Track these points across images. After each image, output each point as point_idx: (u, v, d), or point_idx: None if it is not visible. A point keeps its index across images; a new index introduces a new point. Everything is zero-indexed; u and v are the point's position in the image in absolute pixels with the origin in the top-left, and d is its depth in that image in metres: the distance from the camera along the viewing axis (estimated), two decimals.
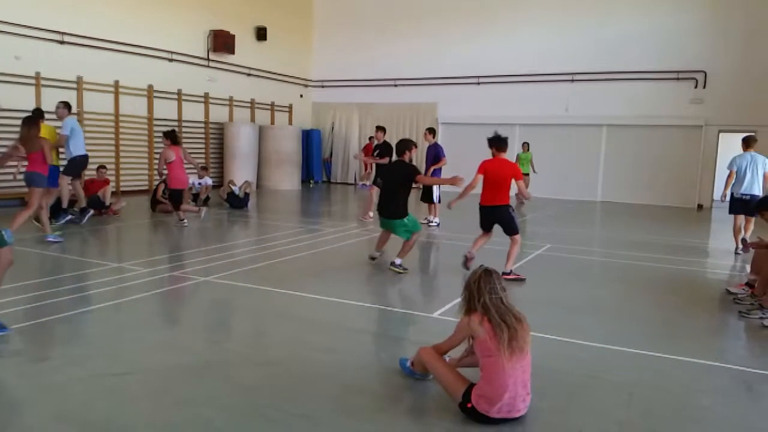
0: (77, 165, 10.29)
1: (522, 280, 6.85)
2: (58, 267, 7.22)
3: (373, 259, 7.68)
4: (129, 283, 6.33)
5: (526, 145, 16.29)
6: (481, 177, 6.91)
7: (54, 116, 10.46)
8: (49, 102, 12.88)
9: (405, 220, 7.24)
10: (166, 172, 10.51)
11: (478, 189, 7.06)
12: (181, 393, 3.68)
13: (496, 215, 7.04)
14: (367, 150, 19.58)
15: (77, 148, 10.11)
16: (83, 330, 4.83)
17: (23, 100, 12.17)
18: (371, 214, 11.77)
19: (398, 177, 7.27)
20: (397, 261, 7.23)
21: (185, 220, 10.51)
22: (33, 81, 12.76)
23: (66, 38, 13.37)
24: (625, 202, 16.83)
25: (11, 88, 12.30)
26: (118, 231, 10.15)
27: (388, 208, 7.30)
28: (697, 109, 16.44)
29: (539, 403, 3.51)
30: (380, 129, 12.44)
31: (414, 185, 7.35)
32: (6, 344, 4.39)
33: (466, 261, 7.08)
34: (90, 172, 12.26)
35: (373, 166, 12.22)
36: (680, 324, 5.59)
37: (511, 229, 7.02)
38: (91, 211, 10.35)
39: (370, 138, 19.81)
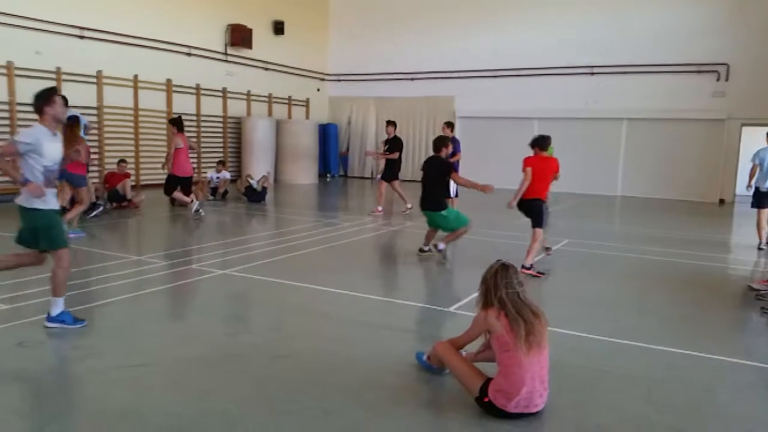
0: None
1: (540, 276, 6.80)
2: (79, 260, 7.30)
3: (422, 251, 7.82)
4: (148, 275, 6.40)
5: (548, 139, 16.05)
6: (530, 170, 6.97)
7: (73, 111, 10.54)
8: (70, 96, 13.04)
9: (444, 212, 7.48)
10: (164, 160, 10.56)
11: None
12: (199, 384, 3.71)
13: (528, 207, 7.14)
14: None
15: None
16: (103, 322, 4.89)
17: None
18: (380, 207, 11.77)
19: (434, 171, 7.61)
20: (440, 246, 7.46)
21: (201, 211, 10.60)
22: (54, 76, 12.92)
23: (86, 33, 13.50)
24: (645, 197, 16.62)
25: (32, 83, 12.44)
26: (137, 224, 10.27)
27: (426, 200, 7.64)
28: (719, 102, 16.17)
29: (557, 397, 3.49)
30: (390, 123, 12.37)
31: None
32: (28, 336, 4.47)
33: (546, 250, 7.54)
34: (110, 166, 12.40)
35: (385, 160, 12.13)
36: (700, 320, 5.51)
37: (536, 222, 7.05)
38: (101, 208, 10.30)
39: None
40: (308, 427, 3.20)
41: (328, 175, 21.00)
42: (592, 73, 17.47)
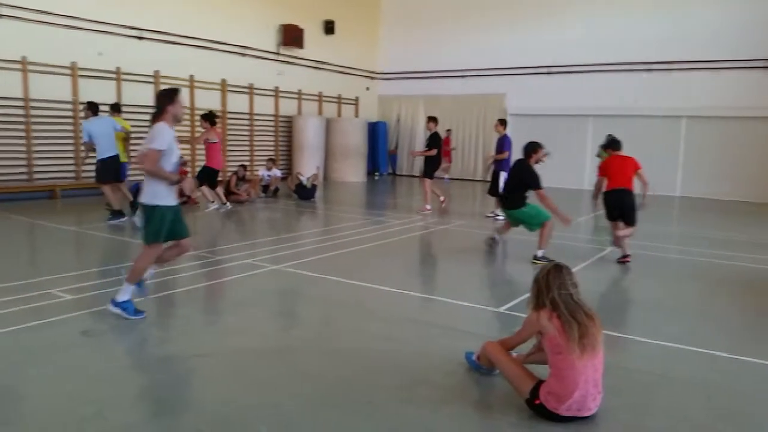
0: (103, 169, 9.69)
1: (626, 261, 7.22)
2: (132, 253, 7.56)
3: (492, 240, 7.97)
4: (203, 269, 6.58)
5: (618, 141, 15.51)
6: (603, 178, 7.57)
7: (130, 110, 10.91)
8: (129, 96, 13.57)
9: (524, 209, 7.44)
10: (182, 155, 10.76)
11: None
12: (253, 377, 3.80)
13: (625, 199, 7.29)
14: (445, 143, 19.51)
15: (102, 151, 9.59)
16: (161, 313, 5.05)
17: (105, 94, 12.80)
18: (428, 206, 11.72)
19: (519, 177, 7.50)
20: (539, 253, 7.25)
21: (227, 204, 10.84)
22: (114, 76, 13.42)
23: (144, 34, 13.96)
24: (706, 198, 15.99)
25: (95, 83, 12.97)
26: (194, 220, 10.54)
27: (507, 199, 7.67)
28: None
29: (612, 401, 3.41)
30: (431, 119, 12.17)
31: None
32: (94, 325, 4.66)
33: (624, 261, 7.40)
34: None
35: (427, 157, 12.03)
36: (763, 326, 5.27)
37: (632, 219, 7.28)
38: (125, 217, 9.61)
39: (448, 131, 19.72)
40: (357, 422, 3.22)
41: (376, 173, 21.09)
42: (649, 70, 16.94)
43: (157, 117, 4.78)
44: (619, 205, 7.39)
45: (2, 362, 3.89)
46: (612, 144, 7.88)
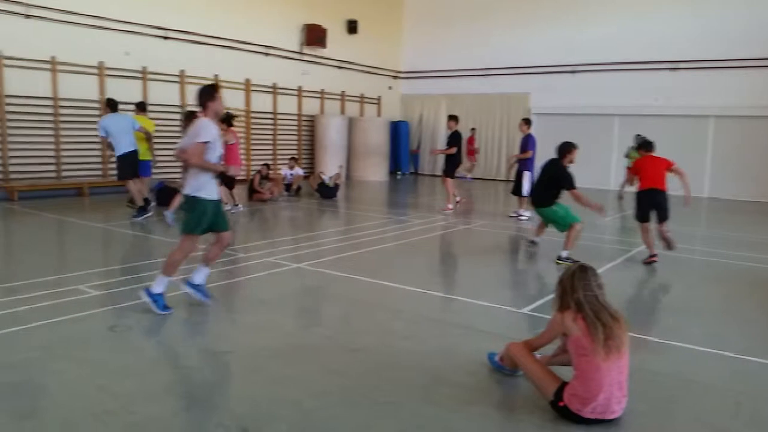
0: (121, 165, 9.83)
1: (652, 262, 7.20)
2: (159, 250, 7.67)
3: (531, 242, 8.00)
4: (226, 267, 6.63)
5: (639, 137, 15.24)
6: (635, 177, 7.65)
7: (156, 110, 11.05)
8: (155, 95, 13.76)
9: (555, 208, 7.43)
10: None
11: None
12: (276, 373, 3.82)
13: (657, 198, 7.35)
14: (469, 142, 19.45)
15: (119, 148, 9.68)
16: (185, 310, 5.10)
17: (132, 93, 12.99)
18: (451, 205, 11.68)
19: (551, 175, 7.47)
20: (563, 254, 7.23)
21: (240, 205, 10.90)
22: (140, 75, 13.61)
23: (170, 34, 14.13)
24: (734, 199, 15.68)
25: (121, 82, 13.17)
26: None
27: (536, 196, 7.67)
28: None
29: (636, 405, 3.36)
30: (452, 118, 12.10)
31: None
32: (120, 321, 4.74)
33: (650, 261, 7.29)
34: None
35: (448, 156, 11.97)
36: None
37: (665, 214, 7.38)
38: (150, 213, 9.82)
39: (472, 129, 19.63)
40: (379, 421, 3.22)
41: (398, 172, 21.08)
42: (675, 69, 16.66)
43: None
44: (651, 204, 7.42)
45: (30, 356, 3.97)
46: (645, 145, 7.92)
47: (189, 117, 9.23)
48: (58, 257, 7.55)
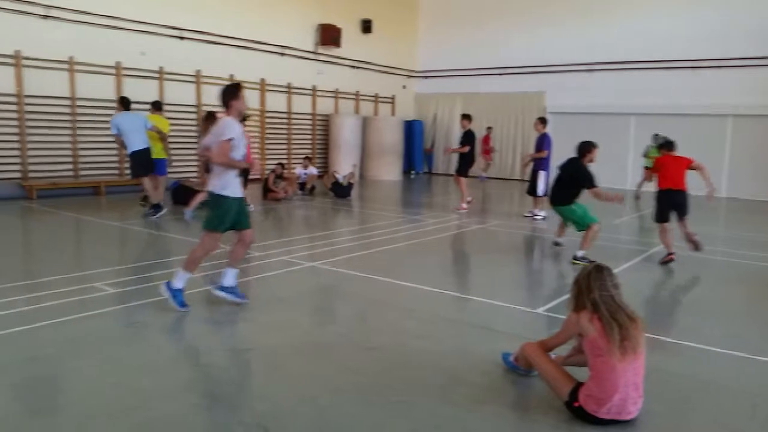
0: (133, 163, 9.92)
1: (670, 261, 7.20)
2: (176, 248, 7.74)
3: (556, 244, 8.00)
4: (244, 265, 6.66)
5: (657, 137, 15.00)
6: (654, 174, 7.74)
7: (172, 109, 11.10)
8: (171, 95, 13.87)
9: (573, 207, 7.43)
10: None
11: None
12: (292, 371, 3.85)
13: (677, 198, 7.43)
14: (485, 141, 19.40)
15: (131, 145, 9.72)
16: (206, 308, 5.14)
17: (148, 93, 13.11)
18: (465, 205, 11.65)
19: (571, 173, 7.46)
20: (579, 253, 7.22)
21: (251, 206, 10.93)
22: (156, 75, 13.73)
23: (185, 34, 14.24)
24: (754, 199, 15.46)
25: (138, 82, 13.30)
26: None
27: (556, 195, 7.61)
28: None
29: (652, 406, 3.34)
30: (465, 117, 12.09)
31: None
32: (137, 318, 4.79)
33: (668, 261, 7.27)
34: None
35: (461, 155, 11.93)
36: None
37: (685, 212, 7.48)
38: (165, 210, 9.91)
39: (488, 128, 19.57)
40: (394, 420, 3.23)
41: (412, 171, 21.06)
42: (694, 67, 16.47)
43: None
44: (671, 204, 7.47)
45: (49, 353, 4.03)
46: (666, 144, 8.01)
47: (208, 118, 9.46)
48: (75, 255, 7.65)
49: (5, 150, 11.58)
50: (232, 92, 4.95)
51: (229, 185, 4.93)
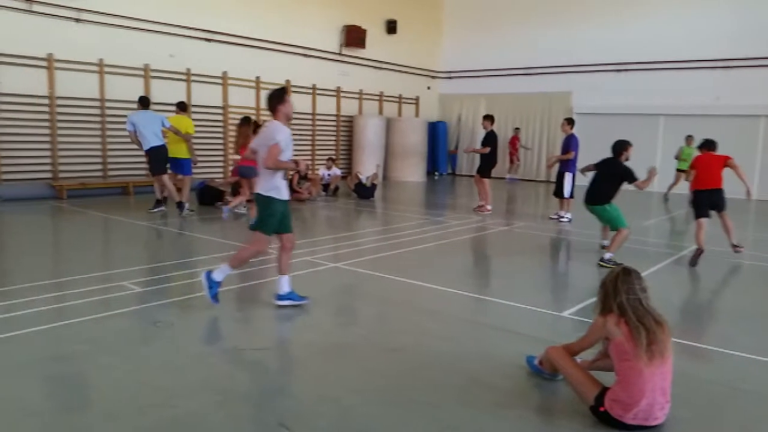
0: (150, 160, 10.07)
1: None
2: (202, 248, 7.83)
3: (603, 247, 7.90)
4: (266, 266, 6.72)
5: (690, 139, 14.59)
6: (693, 171, 7.82)
7: (200, 111, 11.20)
8: (198, 96, 14.05)
9: (606, 206, 7.42)
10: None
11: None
12: (314, 371, 3.86)
13: (713, 196, 7.56)
14: (513, 142, 19.27)
15: (146, 142, 9.86)
16: (230, 307, 5.18)
17: (176, 94, 13.28)
18: (489, 207, 11.56)
19: (607, 171, 7.52)
20: (607, 256, 7.18)
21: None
22: (184, 77, 13.91)
23: (213, 37, 14.41)
24: None
25: (166, 84, 13.49)
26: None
27: (590, 194, 7.60)
28: None
29: (680, 411, 3.27)
30: (487, 118, 12.01)
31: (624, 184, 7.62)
32: (163, 317, 4.85)
33: (697, 256, 7.26)
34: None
35: (483, 156, 11.84)
36: None
37: (722, 207, 7.63)
38: (187, 206, 10.12)
39: (516, 129, 19.42)
40: (416, 421, 3.21)
41: (436, 173, 20.99)
42: (725, 67, 16.12)
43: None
44: (709, 204, 7.59)
45: (76, 350, 4.09)
46: (707, 143, 8.15)
47: (244, 122, 9.59)
48: (103, 254, 7.77)
49: (37, 151, 11.85)
50: (278, 96, 5.01)
51: (276, 187, 5.00)
